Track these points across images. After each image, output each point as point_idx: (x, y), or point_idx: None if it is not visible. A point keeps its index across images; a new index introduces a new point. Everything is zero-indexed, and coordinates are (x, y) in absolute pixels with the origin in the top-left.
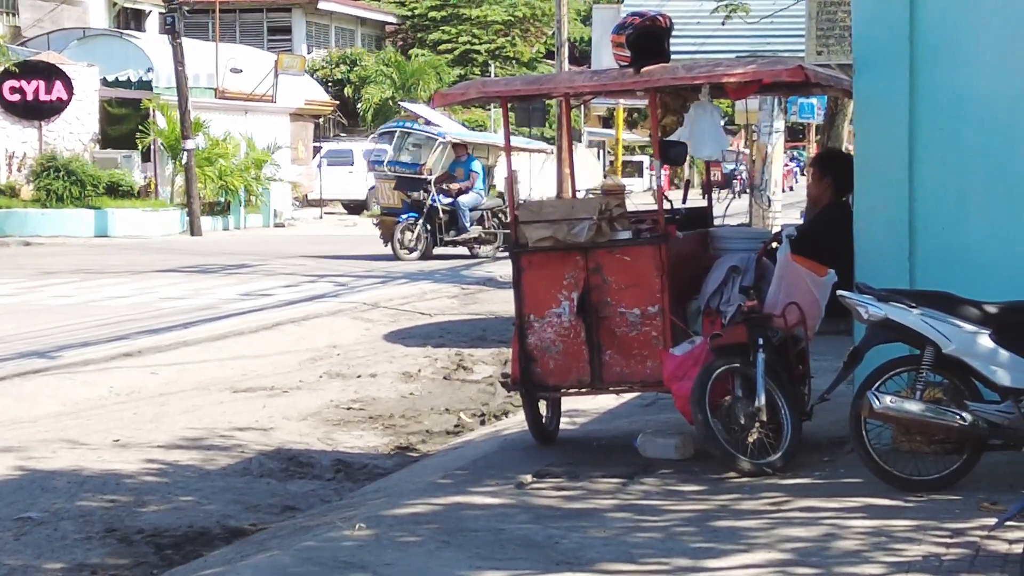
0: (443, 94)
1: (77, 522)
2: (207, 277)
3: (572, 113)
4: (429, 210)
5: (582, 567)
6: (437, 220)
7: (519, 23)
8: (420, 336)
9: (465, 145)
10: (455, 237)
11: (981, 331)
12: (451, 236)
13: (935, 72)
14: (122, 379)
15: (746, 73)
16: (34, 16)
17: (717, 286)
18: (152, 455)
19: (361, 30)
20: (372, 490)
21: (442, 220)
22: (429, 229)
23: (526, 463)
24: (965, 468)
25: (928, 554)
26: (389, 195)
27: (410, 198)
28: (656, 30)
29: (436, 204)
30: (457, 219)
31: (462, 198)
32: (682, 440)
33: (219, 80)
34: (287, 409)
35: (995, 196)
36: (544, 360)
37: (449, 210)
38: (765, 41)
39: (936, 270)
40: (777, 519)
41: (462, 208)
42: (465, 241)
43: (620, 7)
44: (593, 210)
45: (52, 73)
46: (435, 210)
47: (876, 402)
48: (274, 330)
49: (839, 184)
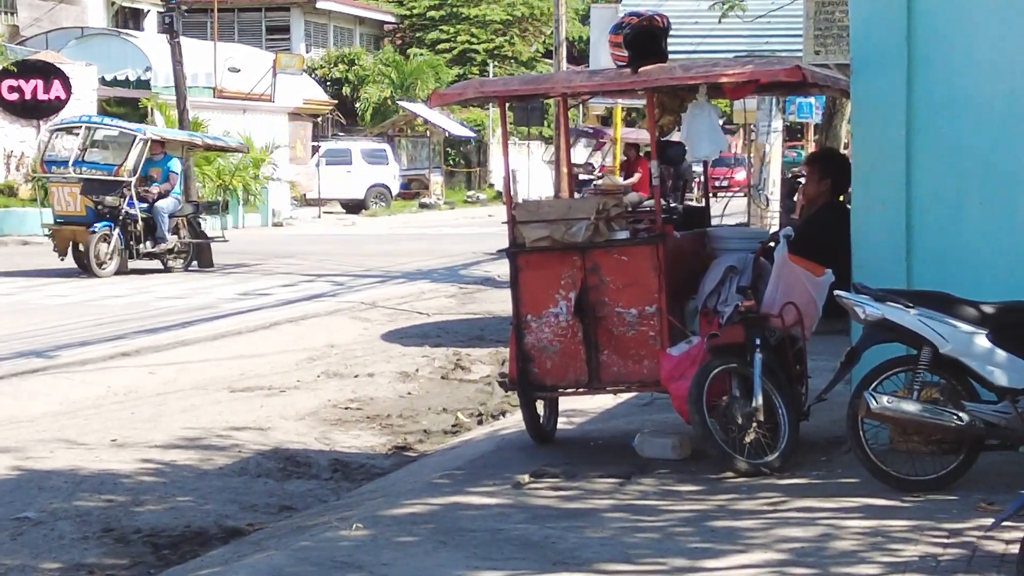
0: (441, 94)
1: (74, 522)
2: (205, 276)
3: (570, 112)
4: (126, 218)
5: (579, 567)
6: (133, 229)
7: (517, 23)
8: (418, 336)
9: (163, 143)
10: (152, 248)
11: (978, 331)
12: (149, 247)
13: (933, 72)
14: (120, 379)
15: (743, 73)
16: (32, 15)
17: (714, 286)
18: (150, 455)
19: (359, 29)
20: (369, 490)
21: (139, 229)
22: (123, 240)
23: (523, 463)
24: (962, 468)
25: (925, 554)
26: (68, 200)
27: (103, 204)
28: (653, 30)
29: (135, 211)
30: (156, 227)
31: (160, 203)
32: (679, 440)
33: (217, 79)
34: (285, 409)
35: (992, 196)
36: (541, 360)
37: (146, 217)
38: (763, 41)
39: (933, 270)
40: (774, 519)
41: (161, 215)
42: (162, 253)
43: (618, 7)
44: (591, 210)
45: (50, 72)
46: (132, 218)
47: (873, 402)
48: (272, 330)
49: (837, 185)
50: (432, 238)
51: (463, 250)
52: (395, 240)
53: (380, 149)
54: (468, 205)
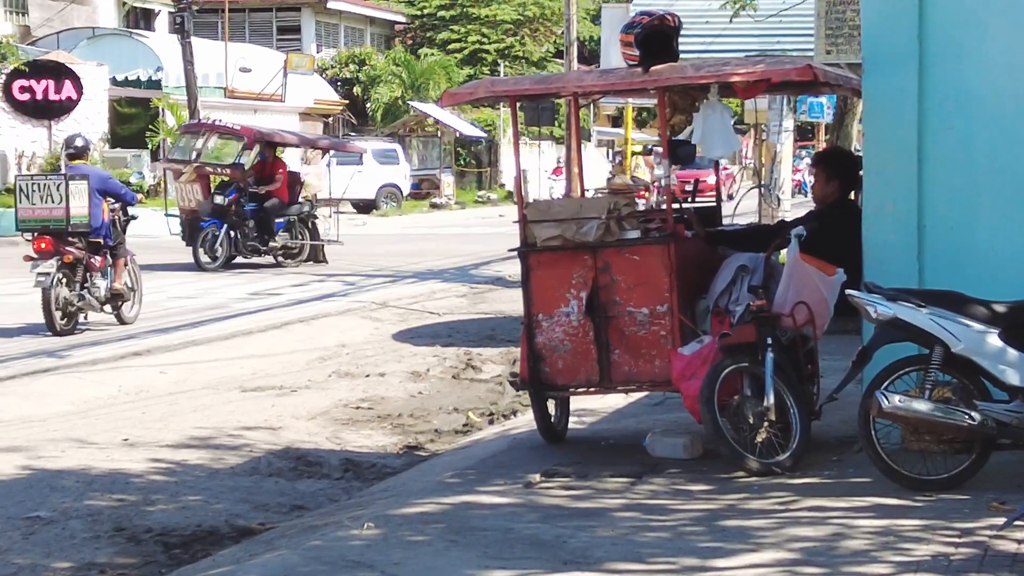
0: (452, 93)
1: (86, 521)
2: (216, 276)
3: (581, 112)
4: (236, 216)
5: (590, 566)
6: (242, 227)
7: (528, 22)
8: (429, 335)
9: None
10: (261, 246)
11: (990, 330)
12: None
13: (944, 71)
14: (131, 378)
15: (755, 72)
16: (43, 15)
17: (726, 285)
18: (161, 454)
19: (370, 29)
20: (380, 489)
21: (249, 227)
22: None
23: (534, 462)
24: (974, 467)
25: (937, 554)
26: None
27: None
28: (665, 29)
29: (245, 209)
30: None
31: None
32: (690, 439)
33: (228, 79)
34: (296, 408)
35: (1004, 195)
36: (553, 359)
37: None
38: (774, 40)
39: (945, 269)
40: (785, 518)
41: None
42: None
43: (629, 6)
44: (602, 209)
45: (61, 72)
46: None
47: (885, 401)
48: (283, 329)
49: (846, 184)
50: (443, 238)
51: (474, 250)
52: (406, 240)
53: (391, 149)
54: (479, 205)
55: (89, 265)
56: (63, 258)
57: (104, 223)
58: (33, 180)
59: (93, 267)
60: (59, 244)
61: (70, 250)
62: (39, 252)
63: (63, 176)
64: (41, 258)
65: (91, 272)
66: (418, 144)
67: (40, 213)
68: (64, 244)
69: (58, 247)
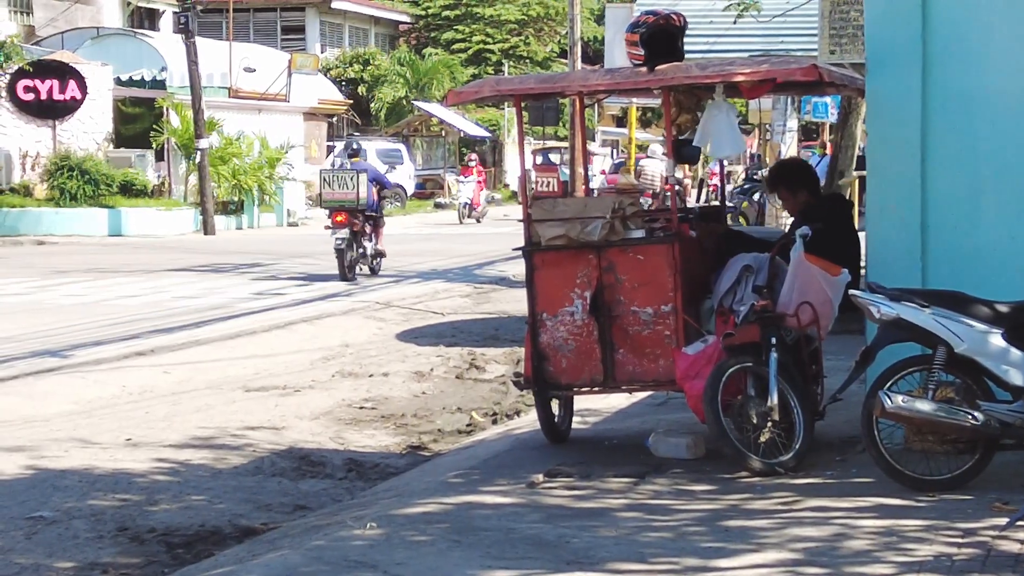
0: (457, 92)
1: (89, 521)
2: (220, 276)
3: (586, 112)
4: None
5: (592, 566)
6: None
7: (532, 22)
8: (432, 335)
9: None
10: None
11: (993, 330)
12: None
13: (948, 71)
14: (134, 378)
15: (759, 72)
16: (48, 15)
17: (730, 285)
18: (164, 454)
19: (375, 29)
20: (383, 489)
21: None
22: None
23: (538, 462)
24: (977, 468)
25: (939, 554)
26: None
27: None
28: (670, 28)
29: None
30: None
31: None
32: (694, 439)
33: (233, 79)
34: (299, 408)
35: (1007, 195)
36: (557, 359)
37: None
38: (778, 40)
39: (948, 269)
40: (788, 519)
41: None
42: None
43: (633, 6)
44: (606, 209)
45: (66, 72)
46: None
47: (888, 402)
48: (286, 329)
49: (812, 188)
50: (446, 238)
51: (477, 250)
52: (409, 240)
53: (395, 149)
54: None
55: (363, 232)
56: (352, 227)
57: (374, 202)
58: (333, 172)
59: (365, 233)
60: (350, 217)
61: (357, 220)
62: (336, 224)
63: (355, 170)
64: (337, 227)
65: (362, 237)
66: (422, 144)
67: (338, 196)
68: (353, 217)
69: (349, 220)
